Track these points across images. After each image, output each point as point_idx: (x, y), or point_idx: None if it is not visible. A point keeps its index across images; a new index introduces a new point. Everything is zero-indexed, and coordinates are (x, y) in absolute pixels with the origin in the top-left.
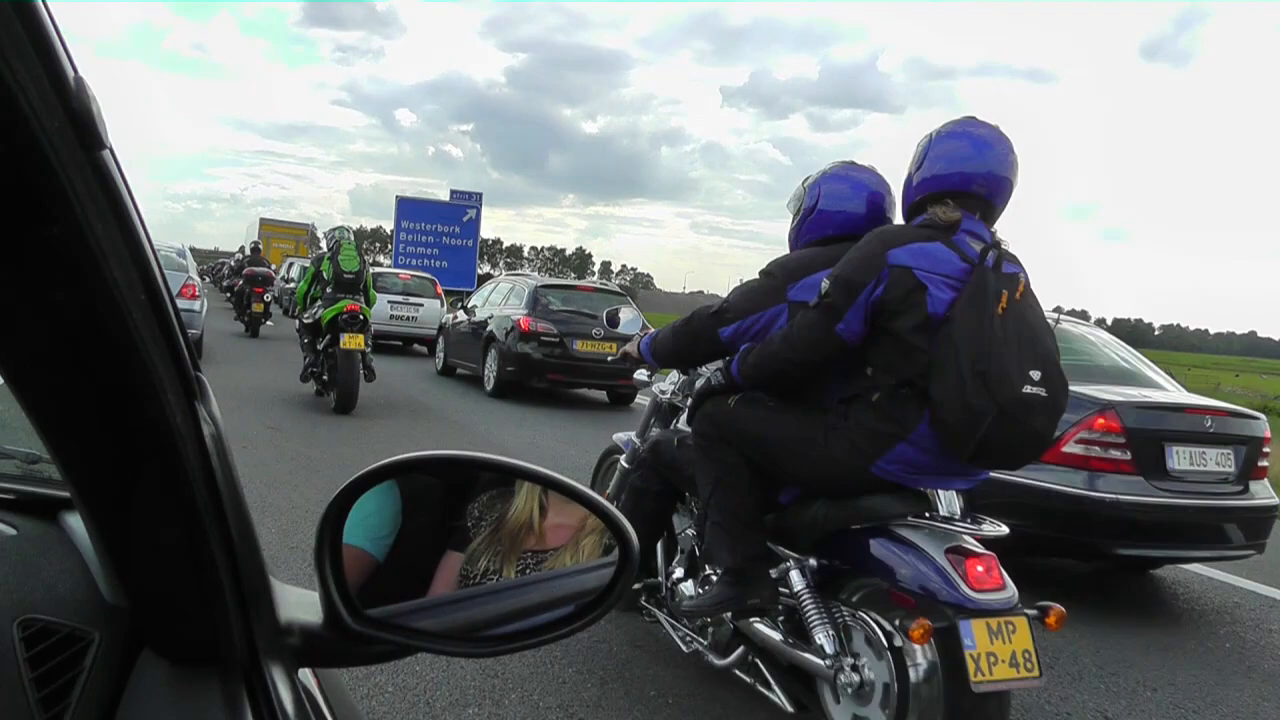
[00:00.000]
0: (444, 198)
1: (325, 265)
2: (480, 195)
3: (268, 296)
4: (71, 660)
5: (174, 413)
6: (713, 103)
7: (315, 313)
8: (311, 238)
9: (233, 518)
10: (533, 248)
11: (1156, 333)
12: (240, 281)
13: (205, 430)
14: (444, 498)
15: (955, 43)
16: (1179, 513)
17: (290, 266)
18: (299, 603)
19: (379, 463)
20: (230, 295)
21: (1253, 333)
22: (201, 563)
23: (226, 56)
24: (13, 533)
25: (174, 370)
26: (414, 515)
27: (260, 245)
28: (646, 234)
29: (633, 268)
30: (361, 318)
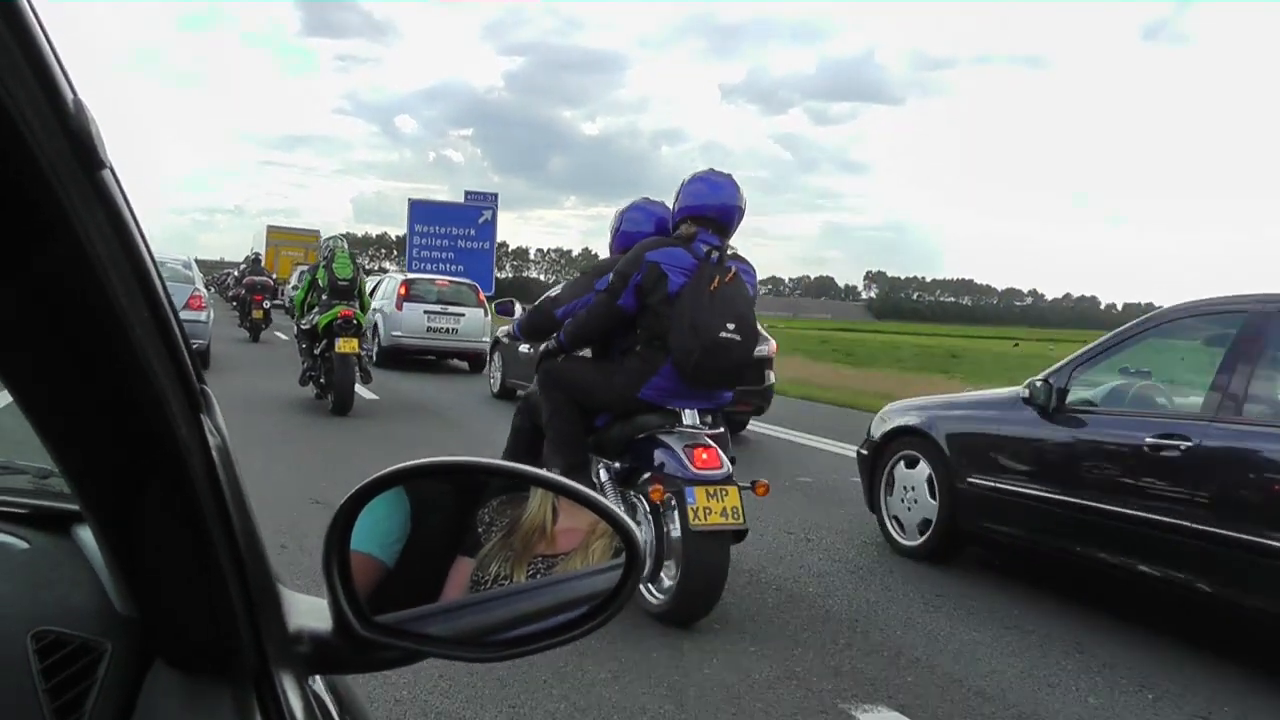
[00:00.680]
0: (446, 202)
1: (321, 273)
2: (495, 196)
3: (266, 304)
4: (84, 671)
5: (179, 425)
6: (711, 100)
7: (312, 319)
8: (321, 244)
9: (239, 527)
10: (539, 250)
11: None
12: (243, 291)
13: (211, 442)
14: (453, 503)
15: (954, 31)
16: None
17: (301, 275)
18: (308, 610)
19: (387, 469)
20: (235, 304)
21: None
22: (210, 573)
23: (228, 69)
24: (26, 546)
25: (179, 384)
26: (423, 521)
27: (260, 256)
28: None
29: None
30: (355, 323)
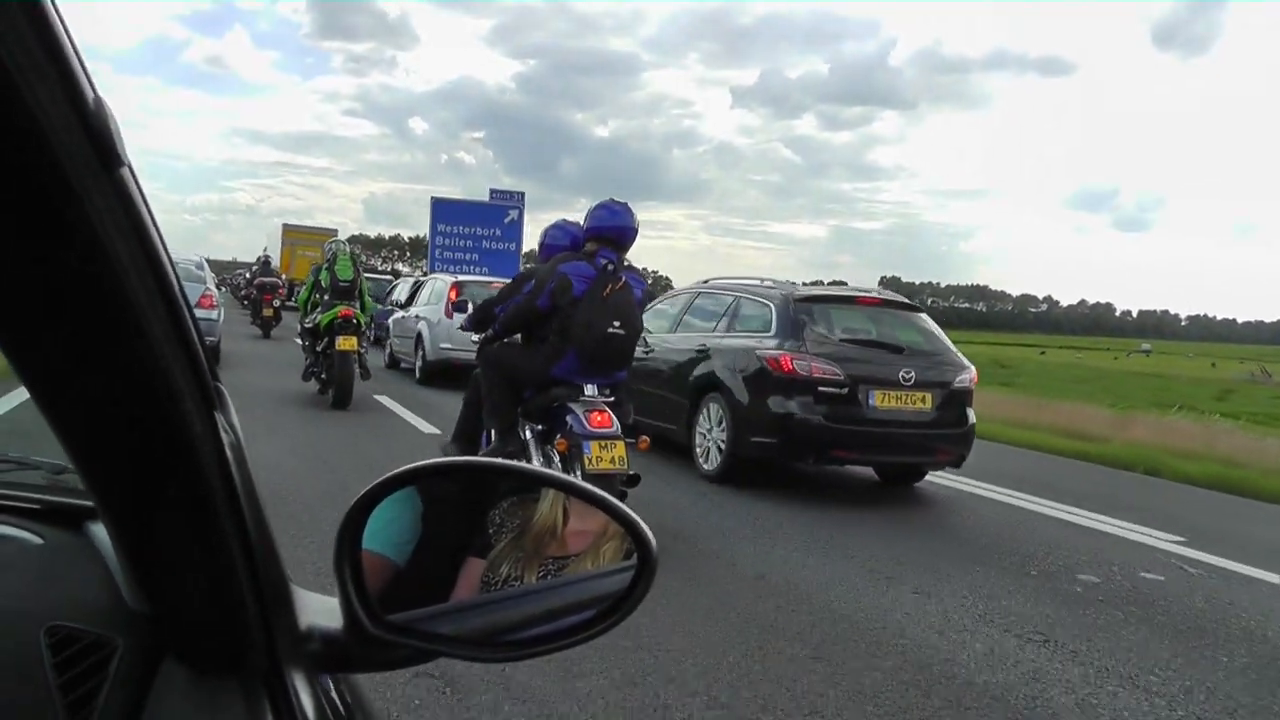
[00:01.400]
0: (471, 200)
1: (323, 275)
2: (523, 195)
3: (276, 303)
4: (96, 666)
5: (194, 422)
6: (723, 104)
7: (314, 318)
8: (325, 247)
9: (252, 525)
10: None
11: (1183, 323)
12: (254, 291)
13: (224, 439)
14: (465, 504)
15: (967, 35)
16: None
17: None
18: (319, 609)
19: (398, 469)
20: (246, 304)
21: None
22: (222, 570)
23: (241, 70)
24: (39, 542)
25: (193, 381)
26: (434, 521)
27: (270, 259)
28: (660, 237)
29: (654, 270)
30: (355, 321)
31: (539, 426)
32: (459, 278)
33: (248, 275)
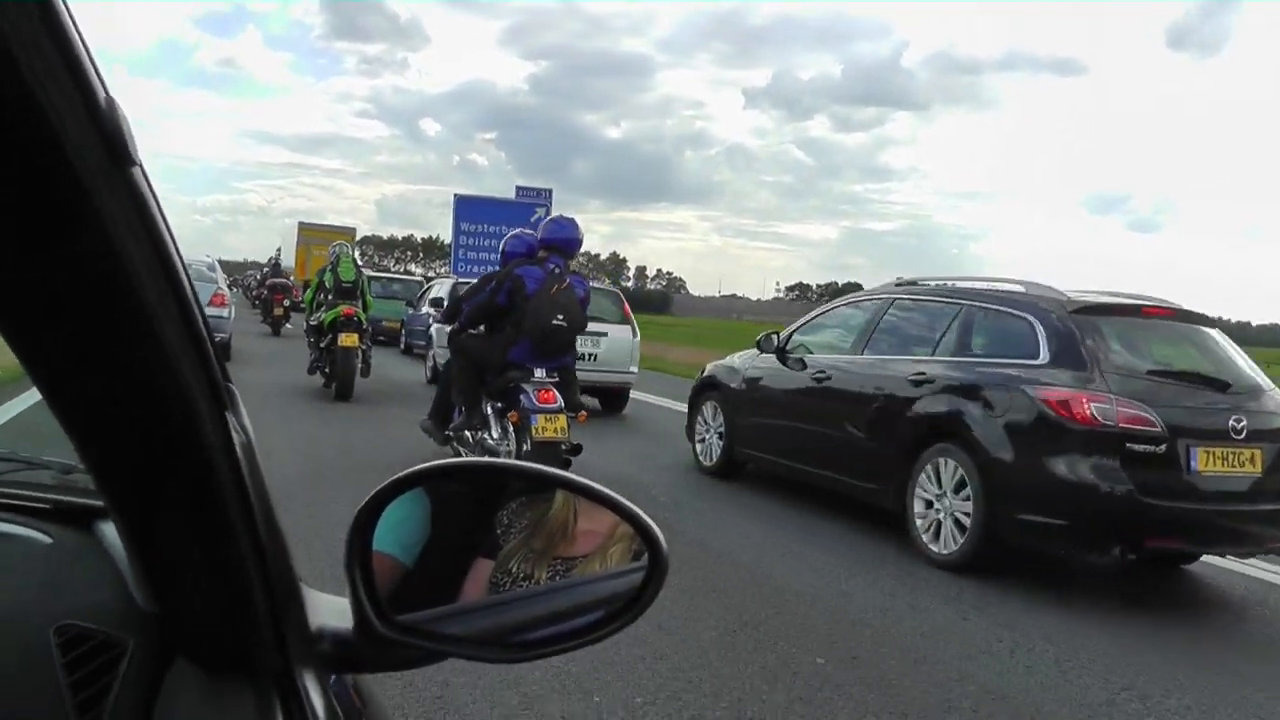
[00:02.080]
0: (496, 198)
1: (327, 276)
2: (550, 192)
3: (286, 302)
4: (106, 666)
5: (204, 422)
6: (736, 105)
7: (319, 316)
8: (330, 249)
9: (262, 525)
10: None
11: None
12: (264, 292)
13: (235, 439)
14: (473, 505)
15: (979, 36)
16: None
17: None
18: (329, 609)
19: (408, 470)
20: (257, 304)
21: None
22: (232, 570)
23: (252, 71)
24: (49, 541)
25: (204, 381)
26: (443, 522)
27: (280, 261)
28: (671, 238)
29: (667, 272)
30: (356, 320)
31: (498, 404)
32: None
33: (259, 276)
